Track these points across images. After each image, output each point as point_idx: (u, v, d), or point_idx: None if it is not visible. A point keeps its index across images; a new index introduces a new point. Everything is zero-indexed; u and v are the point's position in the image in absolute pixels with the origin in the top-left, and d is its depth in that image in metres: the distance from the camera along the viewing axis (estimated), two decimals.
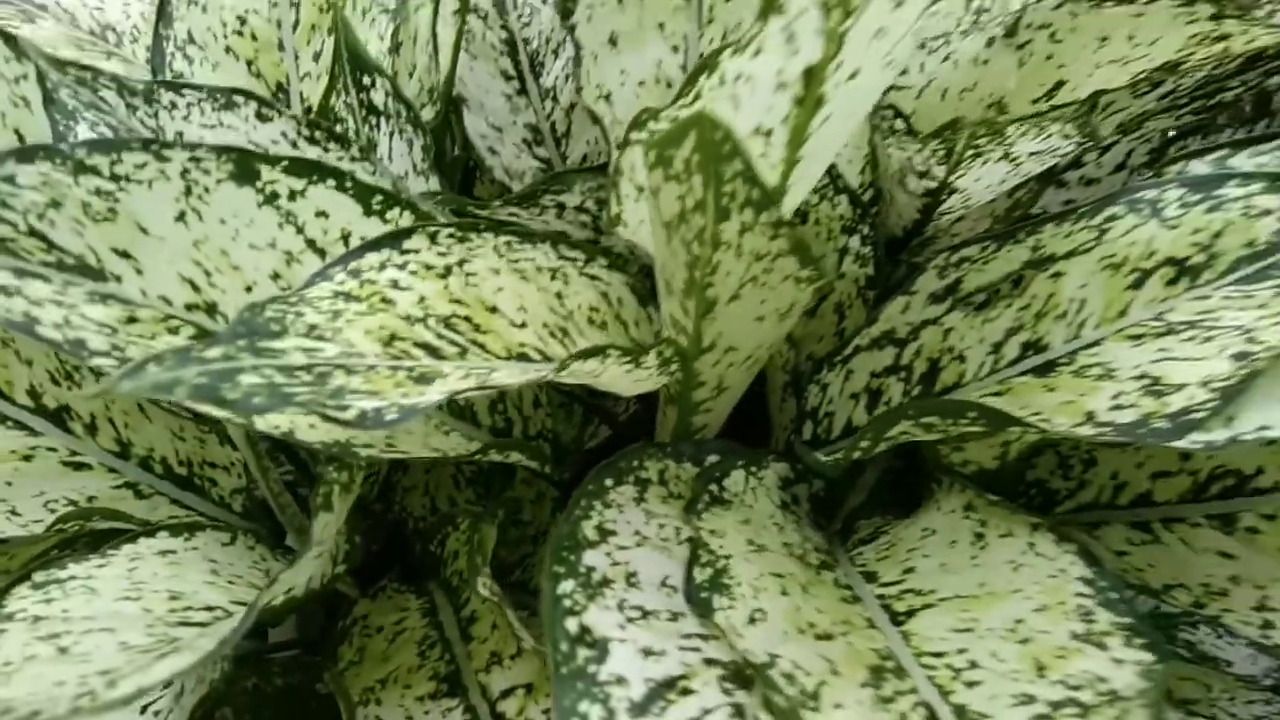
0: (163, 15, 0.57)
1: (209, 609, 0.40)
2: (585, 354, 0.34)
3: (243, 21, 0.58)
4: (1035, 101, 0.52)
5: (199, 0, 0.57)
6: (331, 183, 0.42)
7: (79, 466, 0.52)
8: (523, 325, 0.42)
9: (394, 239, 0.39)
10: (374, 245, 0.39)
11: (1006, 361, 0.45)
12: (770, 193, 0.36)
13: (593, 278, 0.46)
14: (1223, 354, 0.37)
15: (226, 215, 0.41)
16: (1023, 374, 0.44)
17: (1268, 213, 0.40)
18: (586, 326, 0.45)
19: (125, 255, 0.38)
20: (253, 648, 0.61)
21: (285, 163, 0.41)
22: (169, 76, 0.57)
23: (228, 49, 0.58)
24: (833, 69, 0.33)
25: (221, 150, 0.40)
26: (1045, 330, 0.44)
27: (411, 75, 0.56)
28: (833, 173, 0.52)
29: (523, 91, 0.62)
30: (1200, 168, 0.43)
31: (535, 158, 0.60)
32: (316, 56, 0.58)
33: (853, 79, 0.34)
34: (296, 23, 0.58)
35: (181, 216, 0.40)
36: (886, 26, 0.32)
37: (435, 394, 0.31)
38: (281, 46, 0.59)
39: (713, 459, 0.45)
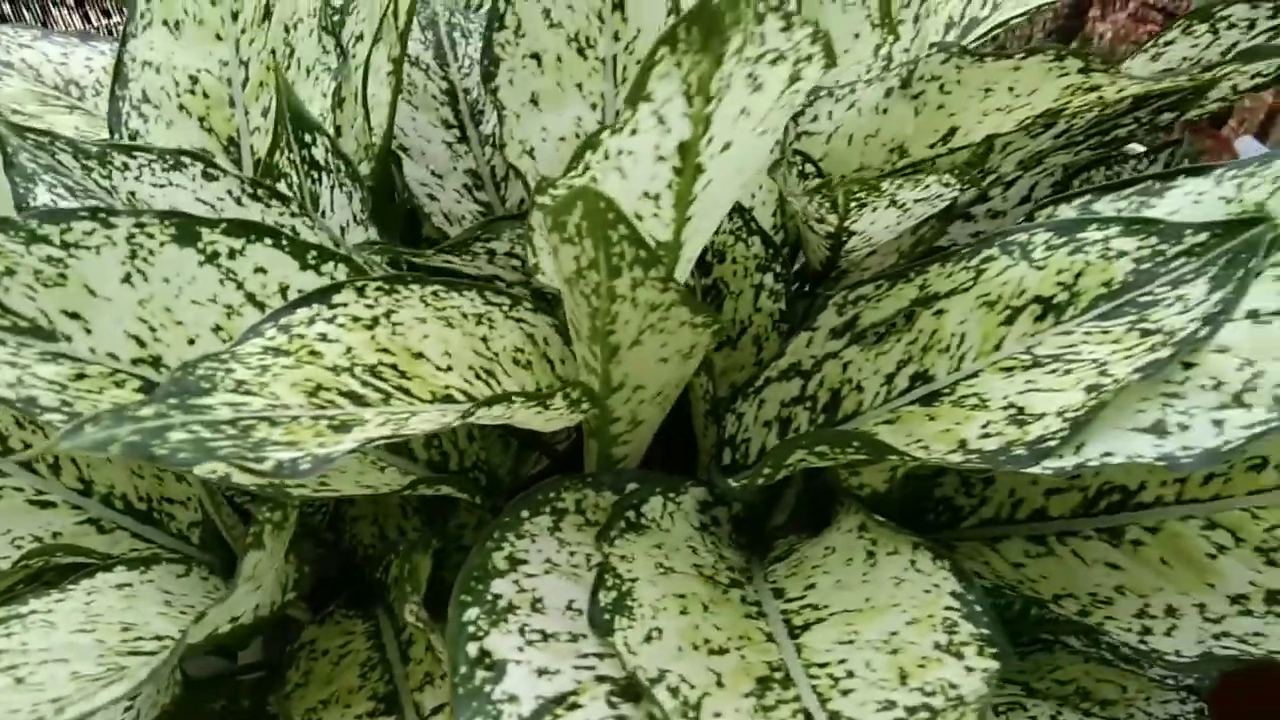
0: (119, 76, 0.60)
1: (159, 639, 0.43)
2: (490, 401, 0.38)
3: (194, 80, 0.61)
4: (932, 146, 0.56)
5: (153, 62, 0.61)
6: (269, 241, 0.46)
7: (44, 505, 0.55)
8: (448, 369, 0.45)
9: (322, 294, 0.43)
10: (303, 301, 0.42)
11: (898, 391, 0.49)
12: (657, 251, 0.40)
13: (519, 320, 0.50)
14: (1078, 386, 0.41)
15: (170, 275, 0.44)
16: (911, 403, 0.48)
17: (1123, 254, 0.43)
18: (512, 366, 0.49)
19: (75, 316, 0.42)
20: (223, 669, 0.64)
21: (224, 225, 0.45)
22: (125, 134, 0.60)
23: (181, 106, 0.61)
24: (704, 144, 0.36)
25: (164, 215, 0.44)
26: (931, 363, 0.48)
27: (354, 128, 0.60)
28: (746, 216, 0.56)
29: (463, 139, 0.65)
30: (1067, 212, 0.47)
31: (476, 201, 0.64)
32: (265, 112, 0.62)
33: (726, 150, 0.38)
34: (246, 80, 0.62)
35: (128, 278, 0.43)
36: (749, 107, 0.36)
37: (350, 443, 0.35)
38: (232, 103, 0.62)
39: (632, 487, 0.49)
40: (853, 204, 0.46)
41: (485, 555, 0.38)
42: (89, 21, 1.32)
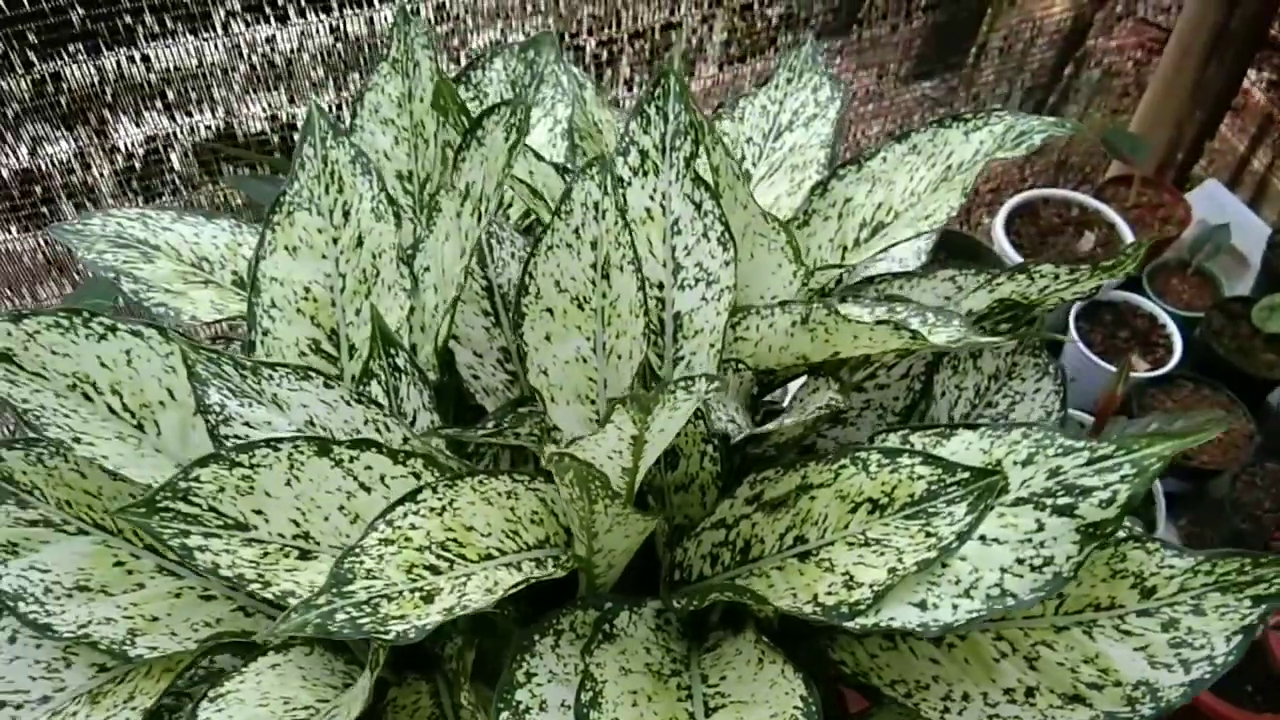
0: (254, 288, 0.85)
1: (306, 707, 0.69)
2: (518, 584, 0.63)
3: (307, 290, 0.86)
4: (826, 360, 0.80)
5: (277, 277, 0.85)
6: (374, 450, 0.71)
7: (209, 598, 0.80)
8: (488, 534, 0.70)
9: (411, 496, 0.67)
10: (400, 501, 0.67)
11: (786, 547, 0.73)
12: (621, 479, 0.64)
13: (535, 490, 0.75)
14: (885, 567, 0.65)
15: (313, 476, 0.69)
16: (793, 557, 0.72)
17: (921, 477, 0.67)
18: (530, 524, 0.73)
19: (259, 512, 0.67)
20: None
21: (348, 443, 0.70)
22: (259, 330, 0.84)
23: (298, 310, 0.85)
24: (646, 433, 0.61)
25: (311, 439, 0.69)
26: (807, 531, 0.72)
27: (424, 330, 0.85)
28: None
29: (498, 324, 0.90)
30: (893, 439, 0.71)
31: (506, 372, 0.88)
32: (358, 311, 0.86)
33: (662, 431, 0.62)
34: (344, 288, 0.86)
35: (288, 482, 0.68)
36: (674, 415, 0.60)
37: (436, 615, 0.59)
38: (334, 304, 0.87)
39: (609, 605, 0.73)
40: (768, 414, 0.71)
41: (511, 672, 0.64)
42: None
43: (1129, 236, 2.12)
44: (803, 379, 0.87)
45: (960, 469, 0.66)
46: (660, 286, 0.81)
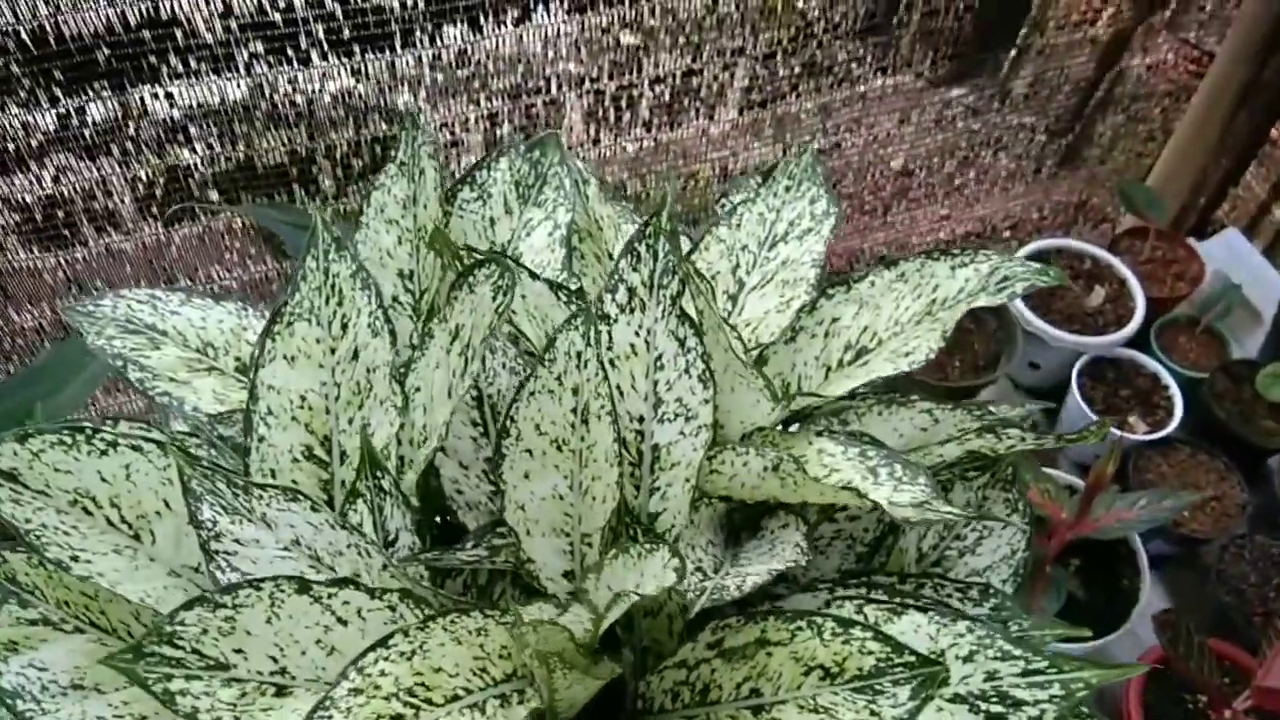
0: (252, 395, 0.88)
1: None
2: None
3: (303, 399, 0.89)
4: (793, 504, 0.82)
5: (274, 386, 0.88)
6: (351, 587, 0.74)
7: None
8: (456, 674, 0.74)
9: (383, 642, 0.71)
10: (372, 648, 0.70)
11: (741, 696, 0.76)
12: (581, 644, 0.68)
13: (507, 625, 0.78)
14: None
15: (293, 612, 0.73)
16: (747, 709, 0.75)
17: (871, 652, 0.70)
18: (499, 660, 0.77)
19: (239, 651, 0.70)
20: None
21: (327, 581, 0.73)
22: (255, 436, 0.88)
23: (293, 417, 0.89)
24: (604, 616, 0.64)
25: (291, 578, 0.72)
26: (762, 684, 0.75)
27: (414, 444, 0.88)
28: None
29: (485, 434, 0.93)
30: (849, 608, 0.74)
31: (490, 483, 0.92)
32: (350, 420, 0.89)
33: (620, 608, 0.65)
34: (338, 398, 0.90)
35: (269, 620, 0.72)
36: (627, 605, 0.63)
37: None
38: (328, 411, 0.90)
39: None
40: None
41: None
42: None
43: (1138, 293, 2.13)
44: None
45: (908, 651, 0.68)
46: (641, 420, 0.84)
